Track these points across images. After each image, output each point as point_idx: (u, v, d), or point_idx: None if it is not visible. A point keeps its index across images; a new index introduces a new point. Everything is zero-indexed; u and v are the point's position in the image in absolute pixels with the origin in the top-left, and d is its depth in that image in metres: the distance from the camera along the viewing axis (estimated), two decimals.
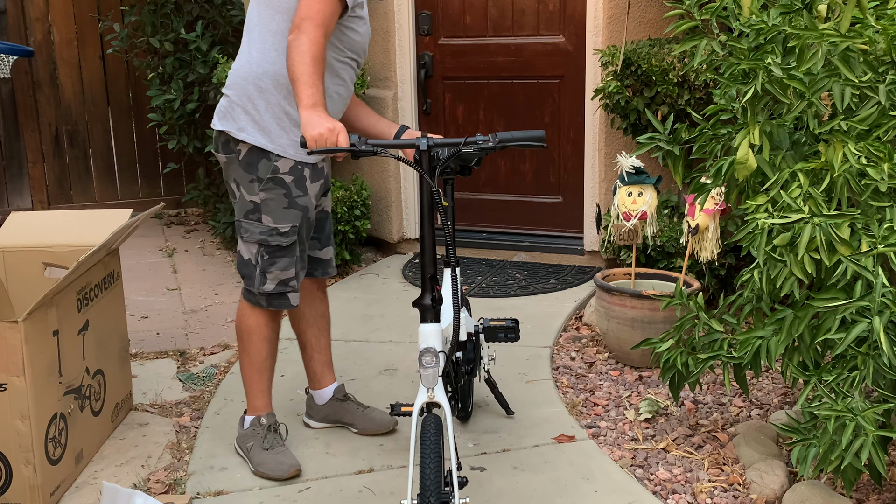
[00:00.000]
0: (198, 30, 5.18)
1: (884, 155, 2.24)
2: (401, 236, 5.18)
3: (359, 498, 2.62)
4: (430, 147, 2.36)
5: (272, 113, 2.59)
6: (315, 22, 2.41)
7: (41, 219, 3.22)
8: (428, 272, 2.34)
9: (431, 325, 2.31)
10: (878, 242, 2.20)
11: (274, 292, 2.68)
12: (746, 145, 2.41)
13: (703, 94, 3.93)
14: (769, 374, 3.47)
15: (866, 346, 2.20)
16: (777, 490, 2.57)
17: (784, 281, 2.33)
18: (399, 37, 4.92)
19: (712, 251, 3.48)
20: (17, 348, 2.41)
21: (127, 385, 3.18)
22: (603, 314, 3.62)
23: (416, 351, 3.72)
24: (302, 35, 2.39)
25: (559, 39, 4.68)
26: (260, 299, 2.71)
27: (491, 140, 2.40)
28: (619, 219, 3.60)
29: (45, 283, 2.92)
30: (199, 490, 2.68)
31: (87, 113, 6.11)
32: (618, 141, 4.50)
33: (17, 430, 2.46)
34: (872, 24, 2.32)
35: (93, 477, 2.75)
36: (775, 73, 2.33)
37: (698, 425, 3.06)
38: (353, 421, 2.98)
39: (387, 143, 2.36)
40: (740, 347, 2.55)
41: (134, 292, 4.53)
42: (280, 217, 2.64)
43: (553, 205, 4.90)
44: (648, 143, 2.90)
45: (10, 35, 5.76)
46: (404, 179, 5.09)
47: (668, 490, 2.66)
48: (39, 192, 6.05)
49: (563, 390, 3.38)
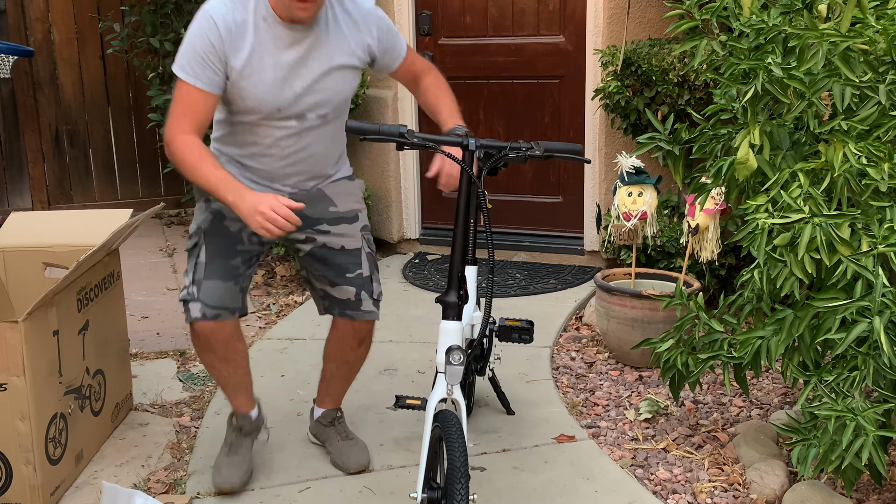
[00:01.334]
0: None
1: (884, 155, 2.24)
2: (401, 236, 5.18)
3: (359, 498, 2.62)
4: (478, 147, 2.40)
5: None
6: (174, 121, 2.37)
7: (41, 219, 3.22)
8: (456, 270, 2.34)
9: (454, 323, 2.31)
10: (879, 242, 2.20)
11: (182, 299, 2.54)
12: (746, 145, 2.41)
13: (703, 94, 3.93)
14: (769, 374, 3.47)
15: (866, 346, 2.20)
16: (777, 490, 2.57)
17: (784, 281, 2.33)
18: None
19: (712, 251, 3.48)
20: (17, 348, 2.41)
21: (127, 385, 3.18)
22: (603, 314, 3.62)
23: (416, 351, 3.72)
24: (171, 144, 2.36)
25: (559, 39, 4.68)
26: None
27: (536, 148, 2.43)
28: (619, 219, 3.59)
29: (45, 283, 2.92)
30: (199, 490, 2.67)
31: (87, 113, 6.11)
32: (618, 141, 4.50)
33: (17, 430, 2.46)
34: (872, 24, 2.32)
35: (93, 477, 2.75)
36: (775, 73, 2.33)
37: (698, 425, 3.06)
38: (330, 450, 2.84)
39: (436, 138, 2.37)
40: (740, 347, 2.55)
41: (134, 292, 4.53)
42: (194, 219, 2.61)
43: (553, 205, 4.90)
44: (648, 143, 2.90)
45: (10, 35, 5.76)
46: (404, 179, 5.09)
47: (668, 490, 2.66)
48: (39, 192, 6.05)
49: (563, 390, 3.38)
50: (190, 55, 2.37)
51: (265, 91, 2.43)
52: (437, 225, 5.19)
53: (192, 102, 2.38)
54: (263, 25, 2.41)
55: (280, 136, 2.52)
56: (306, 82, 2.48)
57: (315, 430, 2.91)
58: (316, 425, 2.90)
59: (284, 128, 2.51)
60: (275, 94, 2.45)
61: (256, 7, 2.41)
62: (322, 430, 2.87)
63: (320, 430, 2.88)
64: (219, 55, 2.37)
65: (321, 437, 2.89)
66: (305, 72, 2.47)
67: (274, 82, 2.44)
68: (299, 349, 3.76)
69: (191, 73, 2.37)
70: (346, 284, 2.65)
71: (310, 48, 2.47)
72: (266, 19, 2.41)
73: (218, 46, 2.36)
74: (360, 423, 3.07)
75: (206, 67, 2.37)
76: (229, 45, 2.37)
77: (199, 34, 2.37)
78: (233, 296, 2.54)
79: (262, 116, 2.48)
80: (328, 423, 2.86)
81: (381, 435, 3.00)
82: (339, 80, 2.55)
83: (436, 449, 2.26)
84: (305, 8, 2.36)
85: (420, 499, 2.22)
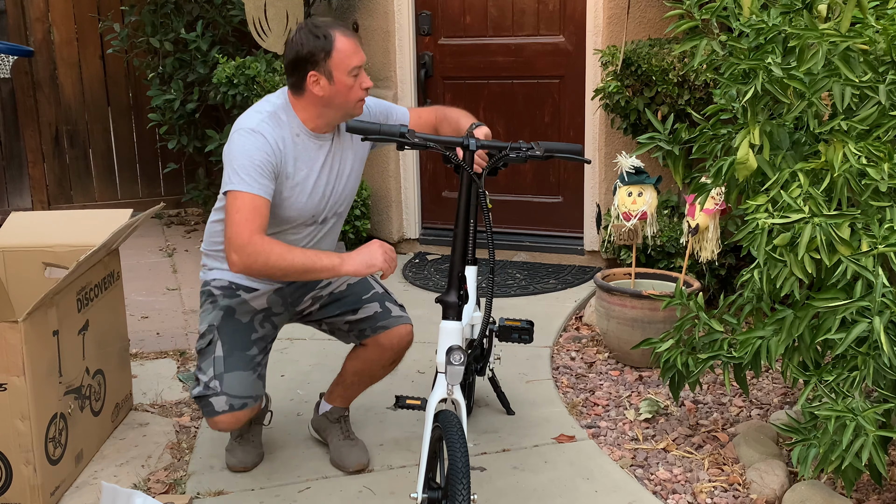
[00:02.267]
0: (198, 30, 5.18)
1: (884, 155, 2.24)
2: (401, 236, 5.18)
3: (359, 498, 2.62)
4: (478, 148, 2.43)
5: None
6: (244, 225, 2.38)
7: (41, 219, 3.22)
8: (457, 270, 2.34)
9: (454, 323, 2.31)
10: (879, 242, 2.20)
11: (199, 395, 2.56)
12: (746, 145, 2.41)
13: (703, 94, 3.93)
14: (769, 374, 3.47)
15: (866, 346, 2.20)
16: (777, 490, 2.57)
17: (784, 281, 2.33)
18: (399, 37, 4.92)
19: (712, 251, 3.48)
20: (17, 348, 2.41)
21: (127, 385, 3.18)
22: (603, 314, 3.62)
23: (416, 351, 3.70)
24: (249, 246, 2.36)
25: (559, 39, 4.68)
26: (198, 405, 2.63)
27: (536, 149, 2.44)
28: (619, 219, 3.59)
29: (45, 283, 2.92)
30: (199, 490, 2.68)
31: (87, 113, 6.11)
32: (618, 141, 4.50)
33: (17, 430, 2.46)
34: (872, 24, 2.32)
35: (93, 477, 2.75)
36: (775, 73, 2.32)
37: (698, 425, 3.06)
38: (330, 447, 2.85)
39: (436, 138, 2.42)
40: (740, 347, 2.55)
41: (134, 292, 4.53)
42: (202, 321, 2.63)
43: (553, 204, 4.90)
44: (648, 143, 2.90)
45: (10, 35, 5.76)
46: (404, 179, 5.09)
47: (668, 490, 2.66)
48: (39, 192, 6.05)
49: (563, 390, 3.38)
50: (249, 168, 2.41)
51: (306, 202, 2.54)
52: (437, 225, 5.19)
53: (255, 208, 2.40)
54: (298, 140, 2.52)
55: (296, 239, 2.60)
56: (336, 188, 2.61)
57: (318, 425, 2.92)
58: (321, 419, 2.91)
59: (306, 234, 2.62)
60: (315, 204, 2.57)
61: (290, 123, 2.52)
62: (327, 425, 2.88)
63: (324, 425, 2.89)
64: (273, 168, 2.45)
65: (323, 432, 2.90)
66: (334, 178, 2.60)
67: (313, 192, 2.55)
68: (299, 349, 3.76)
69: (252, 183, 2.41)
70: (366, 304, 2.73)
71: (334, 155, 2.60)
72: (299, 134, 2.52)
73: (273, 160, 2.45)
74: (360, 423, 3.06)
75: (264, 177, 2.43)
76: (277, 159, 2.46)
77: (252, 148, 2.43)
78: (255, 384, 2.59)
79: (293, 226, 2.57)
80: (335, 420, 2.87)
81: (381, 435, 3.00)
82: (354, 179, 2.68)
83: (436, 449, 2.26)
84: (364, 103, 2.55)
85: (420, 499, 2.22)
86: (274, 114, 2.50)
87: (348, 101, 2.49)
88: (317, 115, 2.52)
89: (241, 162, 2.41)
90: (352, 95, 2.49)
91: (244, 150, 2.42)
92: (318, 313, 2.76)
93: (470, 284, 2.78)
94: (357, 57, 2.47)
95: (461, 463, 2.09)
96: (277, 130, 2.48)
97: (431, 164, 5.11)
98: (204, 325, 2.62)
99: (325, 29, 2.45)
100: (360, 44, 2.51)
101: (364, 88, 2.51)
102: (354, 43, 2.47)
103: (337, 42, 2.43)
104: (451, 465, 2.10)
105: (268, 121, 2.48)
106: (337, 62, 2.44)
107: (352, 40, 2.47)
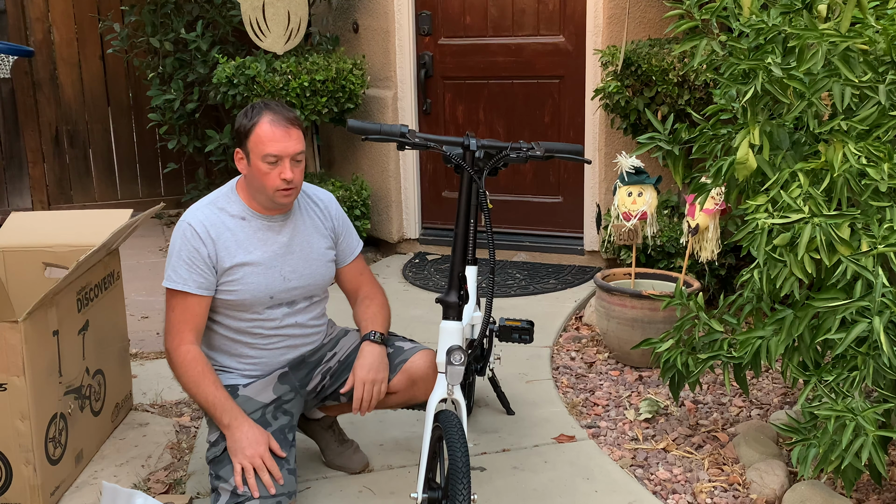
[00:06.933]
0: (198, 30, 5.18)
1: (884, 155, 2.24)
2: (401, 236, 5.18)
3: (359, 497, 2.63)
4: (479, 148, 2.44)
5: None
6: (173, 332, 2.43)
7: (41, 219, 3.22)
8: (457, 270, 2.34)
9: (454, 323, 2.31)
10: (878, 242, 2.20)
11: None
12: (746, 145, 2.41)
13: (703, 94, 3.93)
14: (769, 374, 3.47)
15: (866, 346, 2.20)
16: (777, 490, 2.57)
17: (784, 281, 2.33)
18: (399, 37, 4.92)
19: (712, 251, 3.48)
20: (17, 348, 2.41)
21: (127, 385, 3.18)
22: (603, 314, 3.62)
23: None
24: (173, 355, 2.41)
25: (559, 39, 4.68)
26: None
27: (536, 149, 2.44)
28: (619, 219, 3.60)
29: (45, 283, 2.92)
30: (199, 490, 2.68)
31: (87, 113, 6.12)
32: (618, 141, 4.50)
33: (17, 430, 2.46)
34: (872, 24, 2.32)
35: (93, 477, 2.75)
36: (775, 73, 2.33)
37: (698, 425, 3.06)
38: (326, 451, 2.81)
39: (437, 137, 2.43)
40: (740, 347, 2.55)
41: (134, 292, 4.53)
42: (211, 428, 2.50)
43: (553, 205, 4.90)
44: (648, 143, 2.90)
45: (10, 35, 5.76)
46: (404, 179, 5.09)
47: (668, 490, 2.66)
48: (39, 192, 6.05)
49: (563, 390, 3.39)
50: (175, 264, 2.46)
51: (259, 284, 2.49)
52: (437, 225, 5.19)
53: (186, 308, 2.45)
54: (245, 224, 2.50)
55: (271, 323, 2.55)
56: (298, 270, 2.56)
57: (305, 426, 2.86)
58: (311, 424, 2.85)
59: (279, 315, 2.55)
60: (274, 286, 2.51)
61: (232, 208, 2.51)
62: (318, 430, 2.84)
63: (315, 430, 2.85)
64: (204, 259, 2.45)
65: (314, 435, 2.85)
66: (295, 260, 2.55)
67: (268, 274, 2.50)
68: None
69: (178, 280, 2.45)
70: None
71: (293, 237, 2.56)
72: (245, 217, 2.51)
73: (202, 251, 2.45)
74: (360, 423, 3.07)
75: (193, 271, 2.44)
76: (209, 248, 2.45)
77: (181, 243, 2.47)
78: (286, 480, 2.42)
79: (256, 309, 2.52)
80: (327, 427, 2.83)
81: (381, 435, 3.00)
82: (323, 265, 2.62)
83: (436, 449, 2.26)
84: (288, 194, 2.46)
85: (420, 499, 2.22)
86: (213, 202, 2.51)
87: (265, 186, 2.42)
88: (250, 195, 2.50)
89: (172, 258, 2.47)
90: (268, 182, 2.41)
91: (174, 245, 2.48)
92: (332, 385, 2.65)
93: (470, 284, 2.78)
94: (275, 146, 2.38)
95: (461, 463, 2.09)
96: (211, 218, 2.47)
97: (431, 164, 5.11)
98: (214, 433, 2.46)
99: (260, 110, 2.42)
100: (293, 137, 2.41)
101: (284, 179, 2.40)
102: (281, 132, 2.39)
103: (259, 127, 2.40)
104: (452, 464, 2.10)
105: (203, 209, 2.49)
106: (252, 145, 2.41)
107: (278, 129, 2.38)
